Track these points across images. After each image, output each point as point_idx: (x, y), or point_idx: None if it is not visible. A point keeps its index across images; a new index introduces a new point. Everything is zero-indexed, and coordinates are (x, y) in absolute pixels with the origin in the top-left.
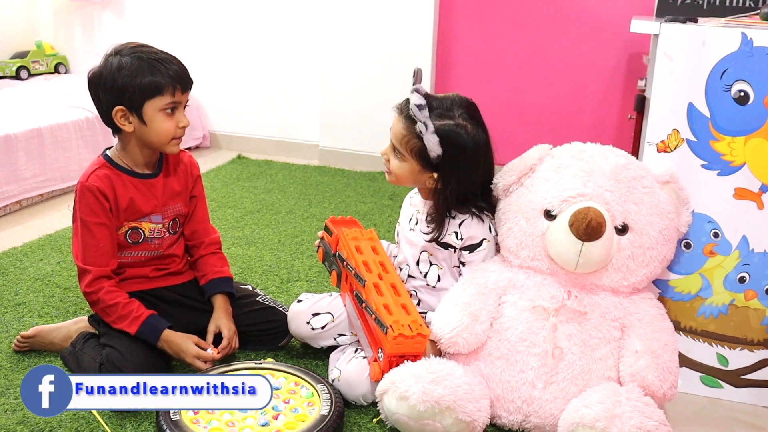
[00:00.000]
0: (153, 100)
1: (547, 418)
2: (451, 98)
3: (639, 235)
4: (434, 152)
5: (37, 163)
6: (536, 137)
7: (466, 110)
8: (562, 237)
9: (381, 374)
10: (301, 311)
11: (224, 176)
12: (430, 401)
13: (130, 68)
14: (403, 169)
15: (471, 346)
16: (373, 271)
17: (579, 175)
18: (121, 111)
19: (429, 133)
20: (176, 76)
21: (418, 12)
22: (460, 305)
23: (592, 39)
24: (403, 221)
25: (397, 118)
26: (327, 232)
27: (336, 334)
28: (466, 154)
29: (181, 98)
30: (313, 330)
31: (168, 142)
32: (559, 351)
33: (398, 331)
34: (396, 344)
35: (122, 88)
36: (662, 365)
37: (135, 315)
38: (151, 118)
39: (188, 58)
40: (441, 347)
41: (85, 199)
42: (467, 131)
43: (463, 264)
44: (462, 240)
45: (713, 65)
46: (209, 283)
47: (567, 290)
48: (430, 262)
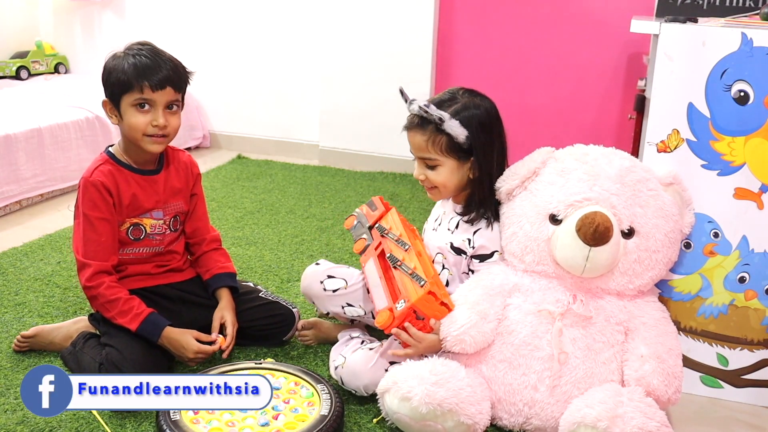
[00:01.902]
0: (126, 95)
1: (548, 420)
2: (446, 91)
3: (645, 238)
4: (461, 135)
5: (37, 163)
6: (536, 137)
7: (465, 91)
8: (568, 242)
9: (391, 322)
10: (317, 271)
11: (224, 176)
12: (432, 403)
13: (116, 63)
14: (444, 173)
15: (478, 345)
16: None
17: (584, 179)
18: (107, 104)
19: (449, 121)
20: (143, 72)
21: (418, 12)
22: (467, 304)
23: (592, 39)
24: (429, 221)
25: (410, 134)
26: (370, 207)
27: (345, 303)
28: (488, 124)
29: (153, 96)
30: (324, 291)
31: (140, 138)
32: (564, 355)
33: (433, 289)
34: (425, 299)
35: (105, 83)
36: (667, 370)
37: (136, 312)
38: (125, 111)
39: (188, 58)
40: (447, 345)
41: (88, 194)
42: (476, 104)
43: (472, 272)
44: (474, 249)
45: (713, 65)
46: (213, 277)
47: (572, 294)
48: (443, 266)
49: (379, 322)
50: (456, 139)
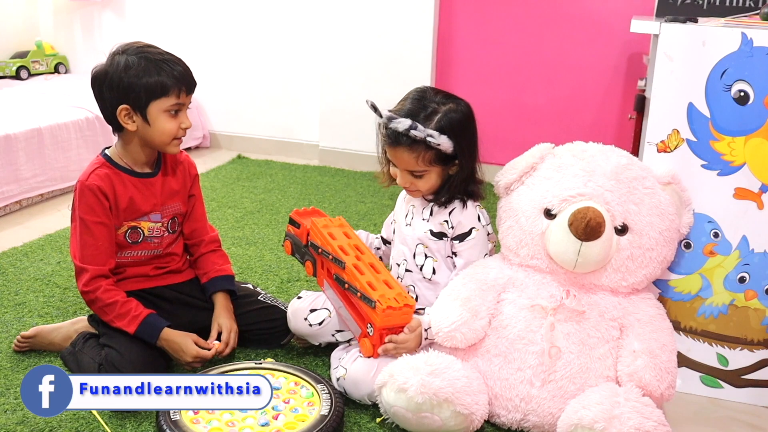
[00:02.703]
0: (158, 101)
1: (545, 416)
2: (413, 97)
3: (639, 235)
4: (449, 148)
5: (37, 163)
6: (536, 137)
7: (433, 94)
8: (561, 236)
9: (374, 349)
10: (300, 308)
11: (224, 176)
12: (428, 393)
13: (137, 68)
14: (432, 180)
15: (468, 342)
16: (350, 254)
17: (580, 175)
18: (126, 110)
19: (438, 138)
20: (182, 77)
21: (418, 12)
22: (459, 300)
23: (592, 39)
24: (399, 219)
25: (396, 151)
26: (294, 225)
27: (334, 330)
28: (468, 125)
29: (185, 100)
30: (311, 326)
31: (169, 143)
32: (556, 350)
33: (386, 304)
34: (385, 317)
35: (128, 87)
36: (660, 365)
37: (134, 314)
38: (155, 118)
39: (188, 58)
40: (438, 340)
41: (84, 198)
42: (454, 109)
43: (455, 254)
44: (453, 228)
45: (713, 65)
46: (210, 281)
47: (566, 289)
48: (425, 255)
49: (365, 353)
50: (444, 151)
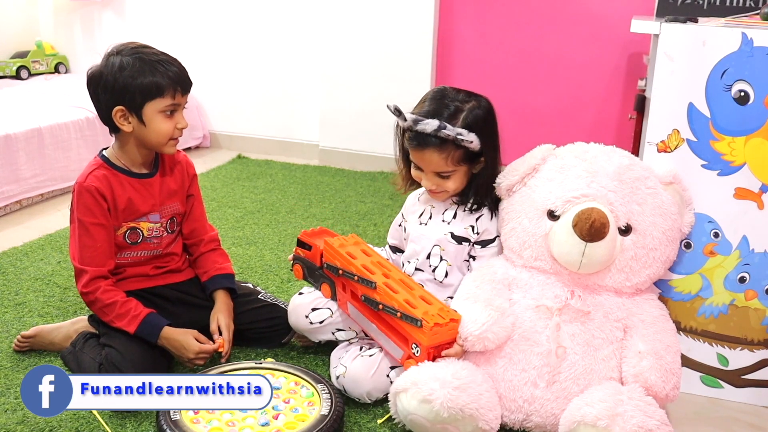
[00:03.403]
0: (153, 102)
1: (548, 417)
2: (432, 97)
3: (642, 235)
4: (477, 145)
5: (37, 163)
6: (536, 137)
7: (454, 93)
8: (565, 237)
9: None
10: (301, 304)
11: (224, 176)
12: (455, 408)
13: (131, 69)
14: (458, 180)
15: (499, 341)
16: (376, 273)
17: (583, 176)
18: (121, 111)
19: (467, 135)
20: (177, 78)
21: (418, 12)
22: (481, 301)
23: (592, 39)
24: (411, 218)
25: (425, 153)
26: (304, 247)
27: (334, 329)
28: (491, 121)
29: (181, 100)
30: (311, 324)
31: (166, 143)
32: (562, 350)
33: (432, 322)
34: (433, 335)
35: (123, 89)
36: (665, 366)
37: (134, 314)
38: (151, 119)
39: (188, 58)
40: (468, 346)
41: (83, 200)
42: (477, 105)
43: (473, 258)
44: (478, 234)
45: (713, 65)
46: (211, 279)
47: (570, 290)
48: (441, 257)
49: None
50: (472, 149)
